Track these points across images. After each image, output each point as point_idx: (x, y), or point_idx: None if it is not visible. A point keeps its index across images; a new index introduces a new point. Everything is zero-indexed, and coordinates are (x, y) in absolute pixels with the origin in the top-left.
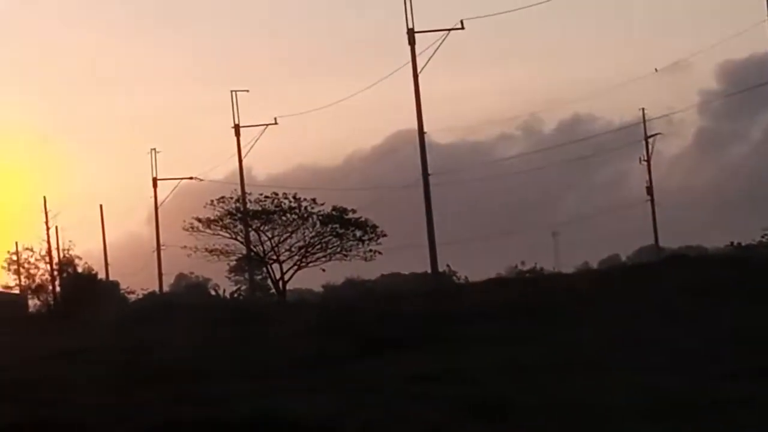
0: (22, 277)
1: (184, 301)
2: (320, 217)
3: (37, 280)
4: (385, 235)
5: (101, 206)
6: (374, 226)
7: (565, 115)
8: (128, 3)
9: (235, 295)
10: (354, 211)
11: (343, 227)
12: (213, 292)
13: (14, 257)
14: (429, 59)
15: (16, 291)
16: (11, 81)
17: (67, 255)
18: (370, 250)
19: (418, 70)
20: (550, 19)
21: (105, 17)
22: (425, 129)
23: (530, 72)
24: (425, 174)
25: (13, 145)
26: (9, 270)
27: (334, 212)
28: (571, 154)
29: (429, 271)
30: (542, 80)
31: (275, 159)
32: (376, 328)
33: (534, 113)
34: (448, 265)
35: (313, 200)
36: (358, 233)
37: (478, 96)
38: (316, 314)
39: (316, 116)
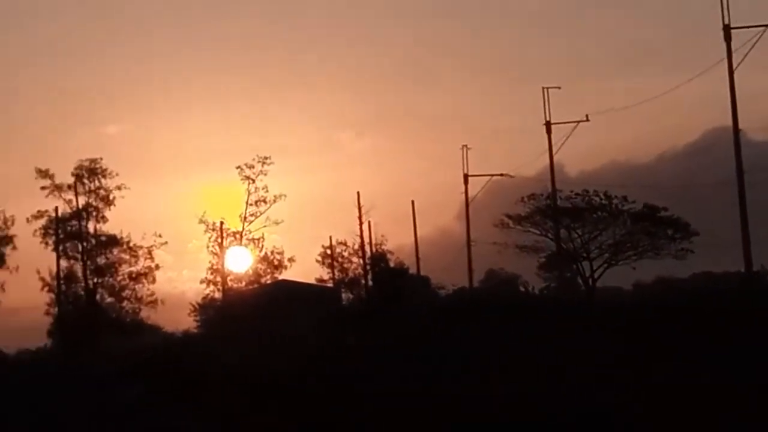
0: (335, 270)
1: (493, 297)
2: (631, 215)
3: (350, 274)
4: (697, 234)
5: (413, 202)
6: (686, 224)
7: None
8: (442, 1)
9: (545, 292)
10: (666, 209)
11: (654, 225)
12: (522, 289)
13: (328, 251)
14: (745, 55)
15: (330, 284)
16: (328, 77)
17: (379, 249)
18: (682, 249)
19: (734, 67)
20: None
21: (416, 14)
22: (741, 126)
23: None
24: (740, 172)
25: (328, 141)
26: (323, 264)
27: (645, 210)
28: None
29: (743, 270)
30: None
31: (587, 156)
32: (686, 328)
33: None
34: (762, 266)
35: (624, 198)
36: (670, 231)
37: None
38: (626, 313)
39: (630, 113)
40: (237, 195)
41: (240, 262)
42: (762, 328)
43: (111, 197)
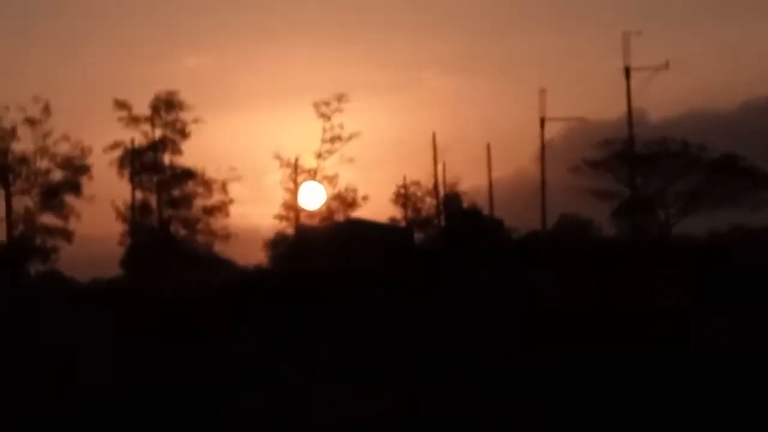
0: (408, 210)
1: (565, 242)
2: (708, 164)
3: (423, 214)
4: None
5: (488, 144)
6: (764, 175)
7: None
8: None
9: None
10: (745, 159)
11: (732, 175)
12: (595, 234)
13: (402, 191)
14: None
15: (403, 224)
16: (408, 16)
17: (453, 191)
18: (759, 199)
19: None
20: None
21: None
22: None
23: None
24: None
25: (406, 80)
26: (397, 203)
27: (723, 159)
28: None
29: None
30: None
31: (668, 102)
32: (754, 277)
33: None
34: None
35: (702, 146)
36: (748, 182)
37: None
38: (694, 261)
39: (712, 59)
40: (313, 131)
41: (313, 199)
42: None
43: (187, 130)
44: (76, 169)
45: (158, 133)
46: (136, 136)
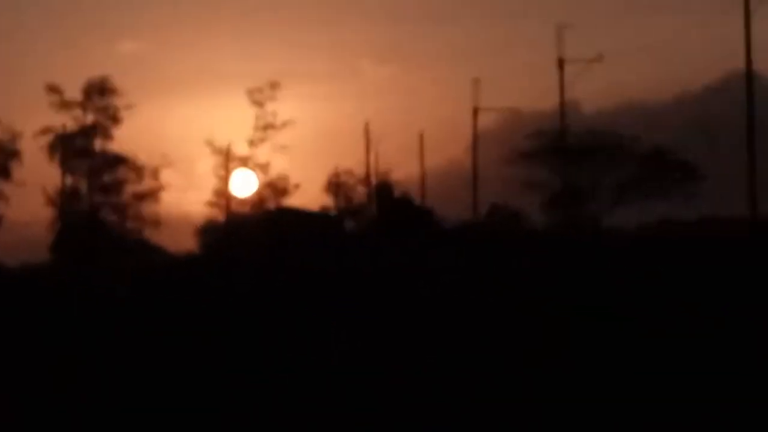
0: (340, 199)
1: (495, 231)
2: (639, 157)
3: (355, 203)
4: (705, 177)
5: (421, 133)
6: (693, 168)
7: None
8: None
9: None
10: (675, 153)
11: (662, 168)
12: (525, 225)
13: (334, 179)
14: None
15: (334, 213)
16: (344, 4)
17: (384, 179)
18: (689, 192)
19: (750, 5)
20: None
21: None
22: (758, 69)
23: None
24: (750, 116)
25: (341, 69)
26: (328, 192)
27: (653, 152)
28: None
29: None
30: None
31: (602, 94)
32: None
33: None
34: None
35: (635, 138)
36: (678, 175)
37: None
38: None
39: (646, 52)
40: (247, 119)
41: (245, 186)
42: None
43: (119, 116)
44: (6, 154)
45: (90, 118)
46: (68, 122)
